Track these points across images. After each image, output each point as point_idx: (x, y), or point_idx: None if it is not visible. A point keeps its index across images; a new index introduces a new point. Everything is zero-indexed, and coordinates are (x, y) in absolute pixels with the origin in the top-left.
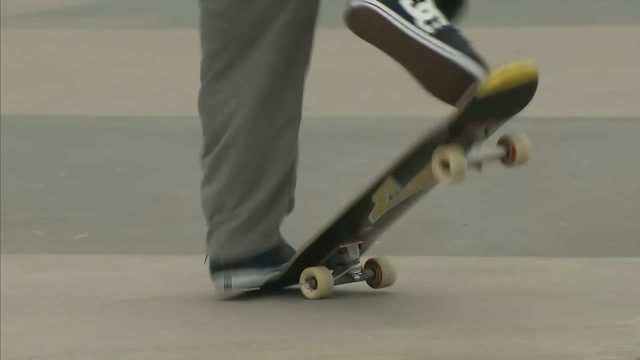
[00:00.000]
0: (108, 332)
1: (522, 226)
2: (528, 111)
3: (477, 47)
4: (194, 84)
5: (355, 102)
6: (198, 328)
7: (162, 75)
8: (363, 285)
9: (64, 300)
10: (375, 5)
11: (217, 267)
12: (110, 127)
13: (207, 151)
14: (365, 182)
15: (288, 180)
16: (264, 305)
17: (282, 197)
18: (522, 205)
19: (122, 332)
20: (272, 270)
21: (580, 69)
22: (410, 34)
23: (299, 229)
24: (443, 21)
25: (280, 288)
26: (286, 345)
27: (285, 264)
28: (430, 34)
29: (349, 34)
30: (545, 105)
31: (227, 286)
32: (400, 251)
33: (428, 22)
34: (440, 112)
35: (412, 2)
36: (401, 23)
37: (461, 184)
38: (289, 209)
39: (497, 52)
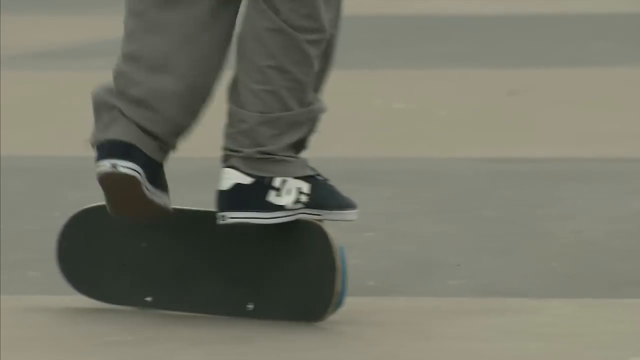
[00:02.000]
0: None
1: (515, 267)
2: (521, 152)
3: (470, 88)
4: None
5: (350, 142)
6: None
7: None
8: (353, 322)
9: (57, 341)
10: (249, 218)
11: None
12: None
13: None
14: (360, 224)
15: None
16: None
17: None
18: (515, 245)
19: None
20: None
21: (573, 110)
22: (287, 219)
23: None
24: (305, 187)
25: None
26: None
27: None
28: (302, 208)
29: (343, 75)
30: (538, 146)
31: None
32: (393, 291)
33: (296, 201)
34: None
35: (276, 192)
36: (276, 217)
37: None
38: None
39: (489, 93)
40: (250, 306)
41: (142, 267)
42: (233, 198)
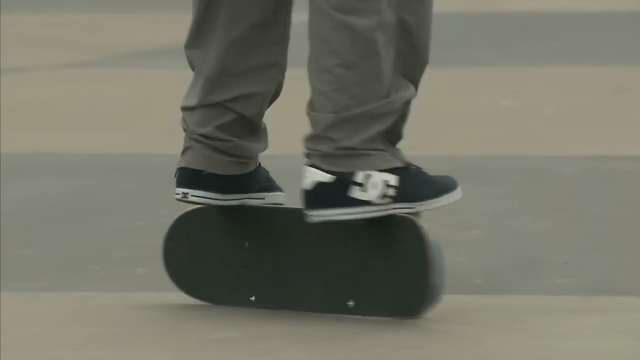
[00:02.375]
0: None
1: (622, 265)
2: (629, 150)
3: (577, 86)
4: (289, 123)
5: (456, 140)
6: None
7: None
8: (458, 320)
9: (163, 337)
10: (334, 215)
11: None
12: None
13: None
14: (466, 221)
15: None
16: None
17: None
18: (623, 244)
19: None
20: None
21: None
22: (376, 215)
23: None
24: (393, 180)
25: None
26: None
27: None
28: (391, 203)
29: (449, 73)
30: None
31: None
32: (499, 290)
33: (383, 195)
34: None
35: (360, 188)
36: (362, 213)
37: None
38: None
39: (596, 91)
40: (351, 303)
41: (246, 266)
42: (316, 196)
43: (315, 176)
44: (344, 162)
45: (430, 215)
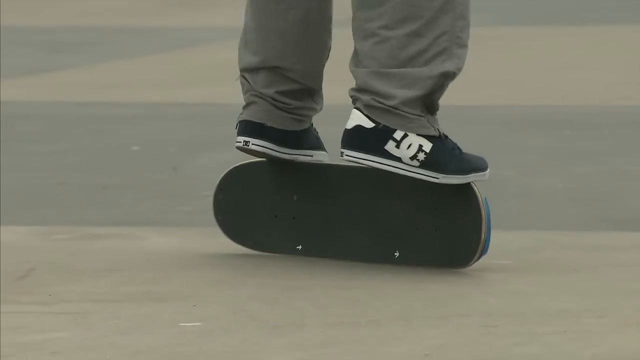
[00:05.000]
0: (441, 299)
1: None
2: None
3: None
4: (521, 76)
5: None
6: (521, 296)
7: (491, 68)
8: None
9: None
10: (364, 160)
11: None
12: (441, 115)
13: None
14: None
15: None
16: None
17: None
18: None
19: (453, 298)
20: None
21: None
22: (401, 172)
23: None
24: (427, 146)
25: None
26: (602, 313)
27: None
28: (418, 167)
29: None
30: None
31: None
32: None
33: (413, 157)
34: None
35: (395, 144)
36: (390, 165)
37: None
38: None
39: None
40: (397, 254)
41: (294, 217)
42: (354, 138)
43: (360, 120)
44: (383, 116)
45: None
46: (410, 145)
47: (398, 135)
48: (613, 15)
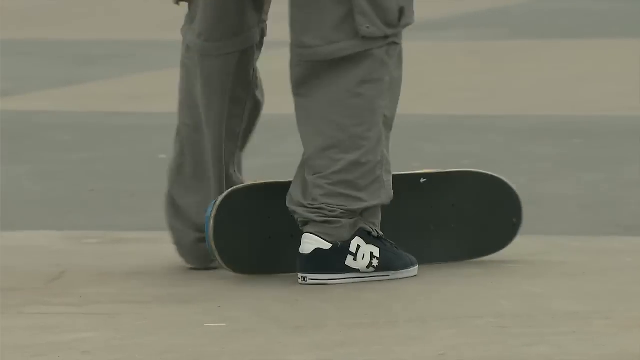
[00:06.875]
0: (454, 300)
1: None
2: None
3: None
4: (533, 87)
5: None
6: (532, 299)
7: (505, 79)
8: None
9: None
10: (329, 280)
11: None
12: (458, 124)
13: None
14: None
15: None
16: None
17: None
18: None
19: (467, 301)
20: None
21: None
22: (358, 281)
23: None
24: (376, 252)
25: None
26: (610, 315)
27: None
28: (374, 272)
29: None
30: None
31: None
32: None
33: (369, 265)
34: None
35: (353, 257)
36: (351, 278)
37: None
38: None
39: None
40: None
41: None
42: (316, 261)
43: (317, 243)
44: (338, 232)
45: None
46: (364, 255)
47: (353, 248)
48: (621, 29)
